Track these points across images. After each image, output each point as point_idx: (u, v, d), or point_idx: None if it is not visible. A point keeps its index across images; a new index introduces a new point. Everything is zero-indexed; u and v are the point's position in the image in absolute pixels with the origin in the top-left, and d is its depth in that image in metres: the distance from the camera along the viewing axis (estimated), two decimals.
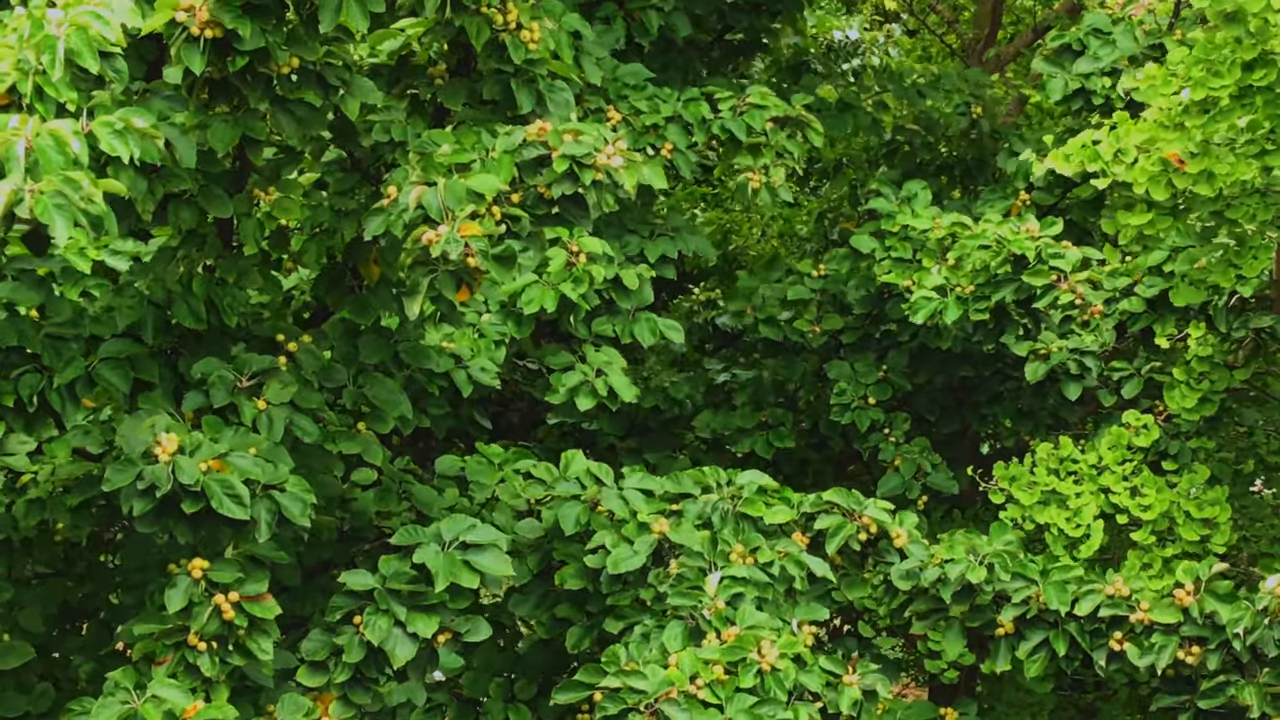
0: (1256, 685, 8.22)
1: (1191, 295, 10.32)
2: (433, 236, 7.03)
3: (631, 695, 7.55)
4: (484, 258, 6.99)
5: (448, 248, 6.97)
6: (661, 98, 9.86)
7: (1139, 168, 9.31)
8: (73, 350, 8.19)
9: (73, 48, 6.95)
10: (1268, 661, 8.20)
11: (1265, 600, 8.09)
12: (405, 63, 8.26)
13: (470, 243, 6.98)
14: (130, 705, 7.42)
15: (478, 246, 6.98)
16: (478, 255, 6.98)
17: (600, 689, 7.70)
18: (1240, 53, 8.62)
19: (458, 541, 8.05)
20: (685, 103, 9.86)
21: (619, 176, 7.27)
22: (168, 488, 7.38)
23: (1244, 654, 8.22)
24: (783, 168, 9.69)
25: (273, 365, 8.17)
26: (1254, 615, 8.15)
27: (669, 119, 9.80)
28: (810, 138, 9.79)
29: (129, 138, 6.95)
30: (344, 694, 7.98)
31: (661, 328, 10.34)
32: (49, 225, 6.49)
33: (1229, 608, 8.22)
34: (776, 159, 9.75)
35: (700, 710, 7.54)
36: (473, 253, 6.98)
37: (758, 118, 9.75)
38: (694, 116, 9.82)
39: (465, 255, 7.00)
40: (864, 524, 8.82)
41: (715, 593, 8.27)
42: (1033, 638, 8.55)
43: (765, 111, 9.75)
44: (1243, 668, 8.30)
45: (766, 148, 9.71)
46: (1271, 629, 8.09)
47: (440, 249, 7.00)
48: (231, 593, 7.66)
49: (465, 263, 7.01)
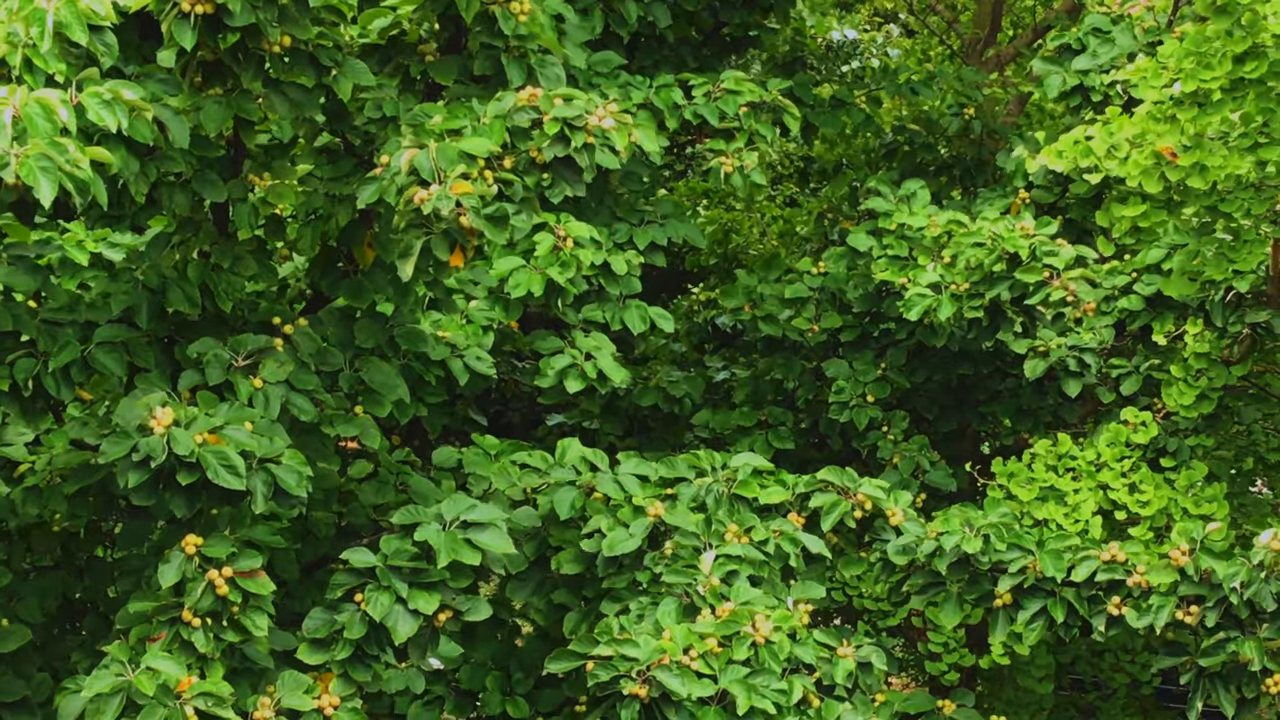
0: (1256, 640, 8.19)
1: (1184, 287, 10.33)
2: (424, 195, 7.05)
3: (624, 663, 7.52)
4: (476, 216, 7.00)
5: (439, 204, 6.98)
6: (634, 84, 9.90)
7: (1132, 162, 9.34)
8: (68, 335, 8.22)
9: (62, 20, 7.01)
10: (1266, 616, 8.17)
11: (1261, 555, 8.07)
12: (396, 41, 8.29)
13: (462, 200, 6.99)
14: (124, 677, 7.39)
15: (470, 204, 6.99)
16: (470, 213, 6.99)
17: (592, 658, 7.67)
18: (1231, 45, 8.65)
19: (459, 520, 8.05)
20: (657, 89, 9.90)
21: (611, 137, 7.30)
22: (163, 458, 7.38)
23: (1242, 610, 8.19)
24: (755, 152, 9.73)
25: (269, 345, 8.18)
26: (1250, 570, 8.12)
27: (640, 105, 9.83)
28: (787, 123, 9.82)
29: (117, 109, 7.00)
30: (344, 671, 7.95)
31: (652, 315, 10.35)
32: (34, 188, 6.52)
33: (1225, 564, 8.19)
34: (749, 143, 9.78)
35: (693, 678, 7.51)
36: (465, 211, 7.00)
37: (731, 103, 9.79)
38: (665, 102, 9.85)
39: (458, 214, 7.02)
40: (859, 501, 8.80)
41: (710, 570, 8.25)
42: (1030, 606, 8.52)
43: (739, 97, 9.80)
44: (1241, 624, 8.27)
45: (740, 132, 9.75)
46: (1268, 583, 8.06)
47: (432, 206, 7.01)
48: (225, 568, 7.65)
49: (458, 222, 7.02)
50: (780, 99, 9.86)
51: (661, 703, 7.48)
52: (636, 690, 7.43)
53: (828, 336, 12.00)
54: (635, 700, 7.45)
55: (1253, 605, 8.19)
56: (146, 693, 7.37)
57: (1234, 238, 10.20)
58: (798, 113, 9.90)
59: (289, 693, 7.92)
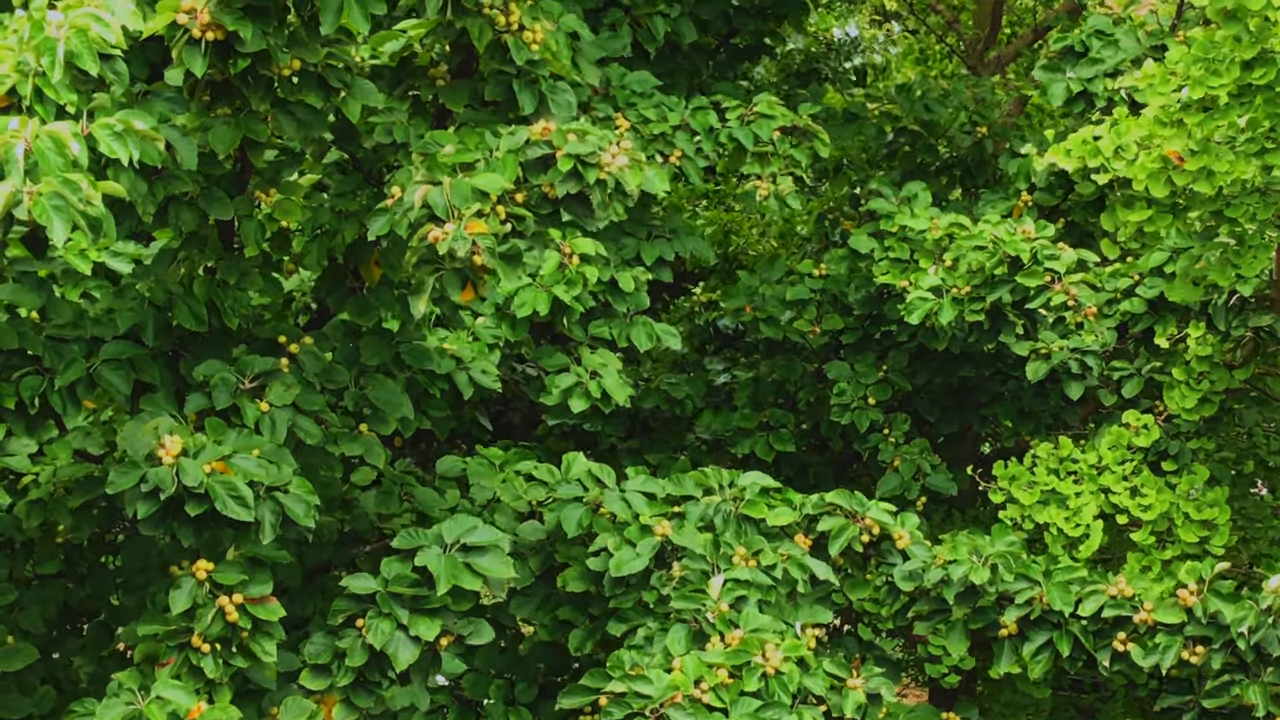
0: (1261, 685, 8.21)
1: (1188, 293, 10.31)
2: (439, 234, 7.02)
3: (637, 700, 7.54)
4: (491, 255, 6.98)
5: (455, 245, 6.95)
6: (669, 105, 9.86)
7: (1139, 164, 9.30)
8: (74, 352, 8.18)
9: (73, 50, 6.94)
10: (1272, 661, 8.19)
11: (1269, 599, 8.08)
12: (407, 64, 8.24)
13: (478, 240, 6.96)
14: (135, 706, 7.40)
15: (485, 244, 6.97)
16: (484, 253, 6.97)
17: (605, 693, 7.68)
18: (1240, 51, 8.61)
19: (459, 544, 8.03)
20: (693, 111, 9.86)
21: (623, 177, 7.26)
22: (172, 490, 7.37)
23: (1248, 654, 8.21)
24: (790, 176, 9.69)
25: (275, 367, 8.15)
26: (1258, 614, 8.14)
27: (676, 127, 9.79)
28: (817, 148, 9.79)
29: (129, 140, 6.94)
30: (346, 697, 7.97)
31: (659, 332, 10.32)
32: (47, 227, 6.47)
33: (1233, 607, 8.20)
34: (784, 168, 9.76)
35: (705, 714, 7.53)
36: (479, 250, 6.97)
37: (765, 127, 9.76)
38: (701, 126, 9.81)
39: (472, 253, 6.99)
40: (866, 525, 8.81)
41: (718, 595, 8.25)
42: (1036, 639, 8.53)
43: (772, 121, 9.76)
44: (1247, 667, 8.30)
45: (774, 156, 9.72)
46: (1276, 628, 8.06)
47: (447, 246, 6.98)
48: (235, 594, 7.65)
49: (472, 261, 6.99)
50: (811, 124, 9.82)
51: None
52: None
53: (829, 338, 11.98)
54: None
55: (1259, 649, 8.21)
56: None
57: (1238, 243, 10.18)
58: (827, 138, 9.86)
59: (292, 718, 7.93)
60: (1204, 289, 10.50)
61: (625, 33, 10.54)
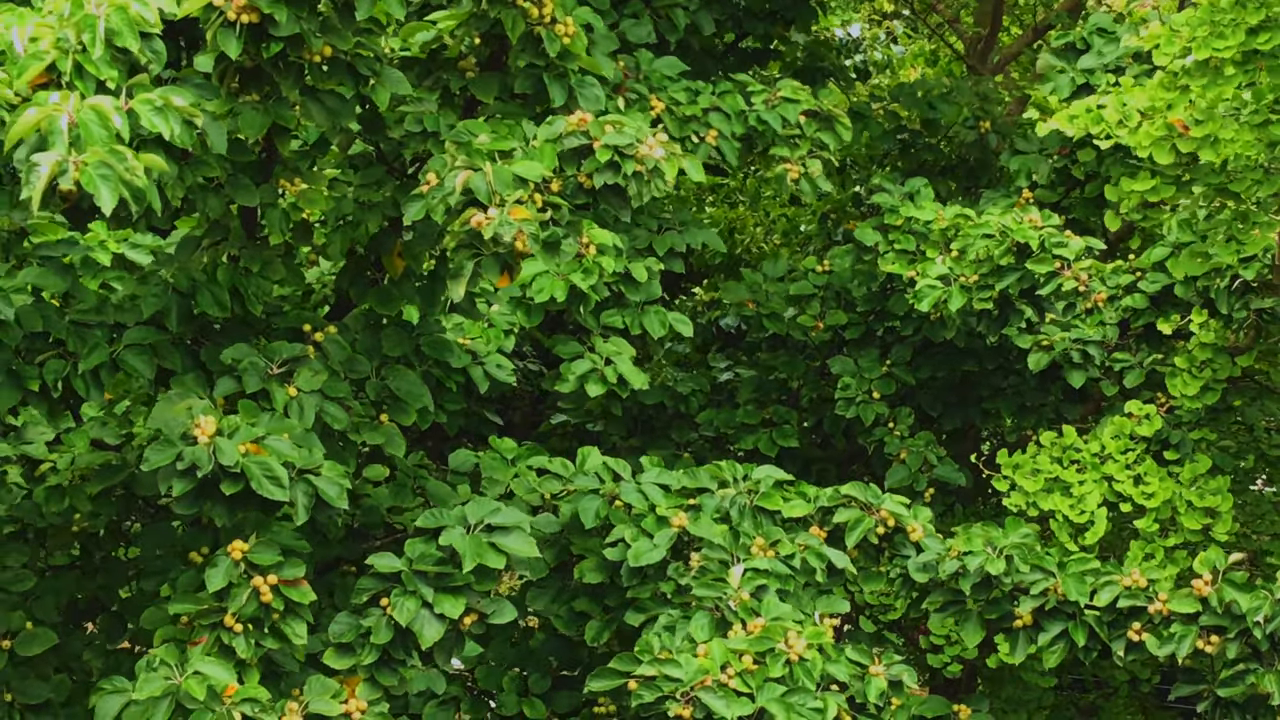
0: (1276, 673, 8.26)
1: (1191, 267, 10.41)
2: (483, 219, 7.08)
3: (668, 683, 7.59)
4: (534, 241, 7.05)
5: (500, 230, 7.02)
6: (697, 89, 9.95)
7: (1143, 131, 9.39)
8: (97, 337, 8.22)
9: (113, 27, 6.97)
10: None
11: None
12: (436, 56, 8.29)
13: (522, 226, 7.04)
14: (173, 681, 7.42)
15: (529, 230, 7.04)
16: (527, 239, 7.04)
17: (635, 677, 7.73)
18: (1245, 16, 8.67)
19: (483, 524, 8.10)
20: (721, 94, 9.95)
21: (661, 167, 7.34)
22: (209, 468, 7.40)
23: (1263, 642, 8.26)
24: (819, 160, 9.79)
25: (302, 353, 8.21)
26: (1273, 604, 8.20)
27: (708, 109, 9.88)
28: (839, 132, 9.89)
29: (169, 115, 6.97)
30: (371, 675, 8.00)
31: (671, 320, 10.41)
32: (95, 195, 6.50)
33: (1248, 596, 8.26)
34: (812, 151, 9.85)
35: (733, 699, 7.59)
36: (523, 236, 7.04)
37: (791, 111, 9.84)
38: (732, 108, 9.90)
39: (516, 238, 7.06)
40: (882, 518, 8.89)
41: (739, 584, 8.32)
42: (1051, 629, 8.59)
43: (797, 105, 9.85)
44: (1261, 656, 8.34)
45: (803, 139, 9.81)
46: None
47: (492, 231, 7.05)
48: (270, 575, 7.69)
49: (514, 246, 7.07)
50: (834, 110, 9.91)
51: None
52: (681, 711, 7.50)
53: (831, 334, 12.06)
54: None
55: (1274, 638, 8.27)
56: (197, 697, 7.40)
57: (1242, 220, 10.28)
58: (849, 123, 9.95)
59: (316, 697, 7.93)
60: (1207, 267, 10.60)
61: (647, 21, 10.61)
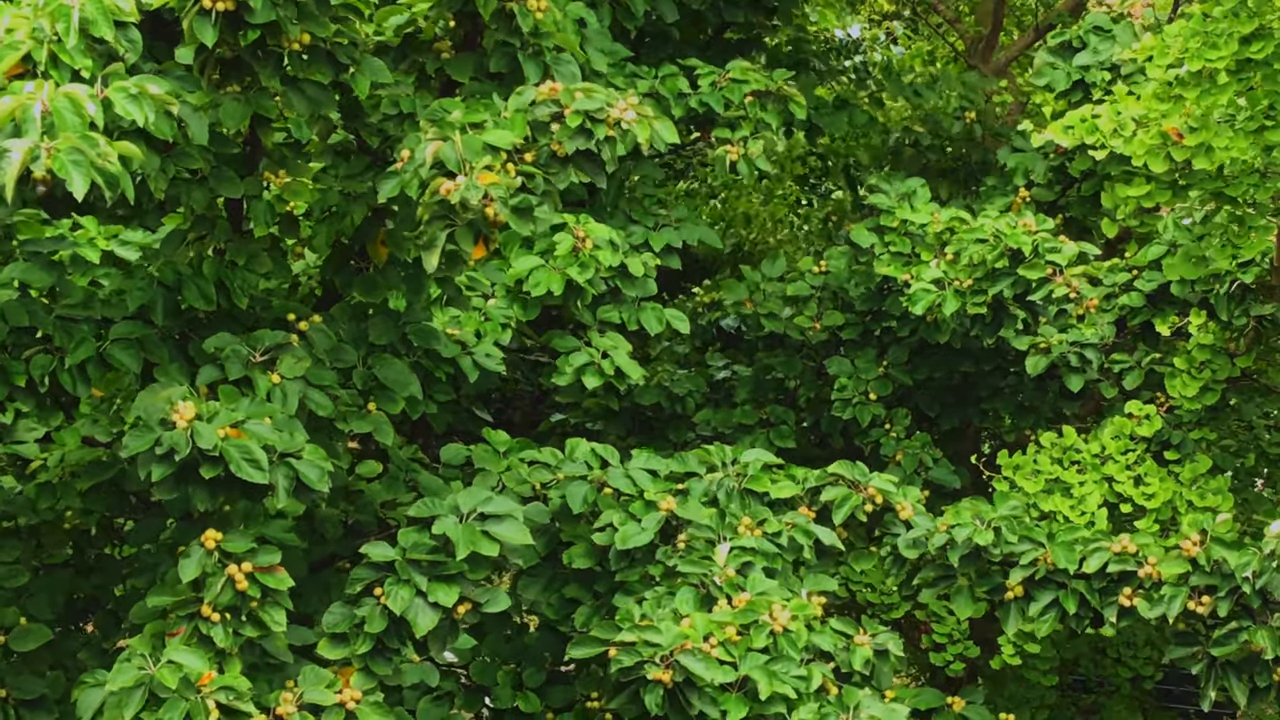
0: (1269, 629, 8.23)
1: (1187, 270, 10.38)
2: (451, 186, 7.12)
3: (647, 648, 7.59)
4: (503, 206, 7.08)
5: (467, 194, 7.06)
6: (640, 74, 9.97)
7: (1137, 140, 9.39)
8: (83, 331, 8.27)
9: (87, 16, 7.08)
10: (1277, 605, 8.22)
11: (1272, 544, 8.11)
12: (412, 39, 8.36)
13: (490, 190, 7.06)
14: (146, 671, 7.43)
15: (497, 194, 7.07)
16: (497, 203, 7.07)
17: (615, 643, 7.73)
18: (1237, 26, 8.70)
19: (476, 512, 8.11)
20: (662, 79, 9.97)
21: (633, 129, 7.37)
22: (186, 452, 7.44)
23: (1253, 599, 8.24)
24: (760, 140, 9.79)
25: (285, 340, 8.24)
26: (1262, 559, 8.17)
27: (645, 95, 9.89)
28: (793, 110, 9.88)
29: (144, 103, 7.06)
30: (365, 665, 8.00)
31: (668, 316, 10.43)
32: (66, 180, 6.57)
33: (1236, 554, 8.24)
34: (754, 132, 9.86)
35: (716, 666, 7.58)
36: (492, 200, 7.07)
37: (736, 92, 9.85)
38: (671, 92, 9.91)
39: (485, 204, 7.09)
40: (869, 495, 8.87)
41: (725, 562, 8.31)
42: (1042, 598, 8.57)
43: (744, 86, 9.86)
44: (1253, 613, 8.31)
45: (745, 121, 9.82)
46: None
47: (459, 196, 7.08)
48: (244, 563, 7.69)
49: (484, 213, 7.09)
50: (786, 88, 9.92)
51: (685, 688, 7.54)
52: (660, 675, 7.49)
53: (829, 335, 12.06)
54: (659, 686, 7.52)
55: (1264, 594, 8.24)
56: (169, 686, 7.41)
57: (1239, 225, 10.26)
58: (804, 100, 9.95)
59: (310, 687, 7.96)
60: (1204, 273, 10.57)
61: (605, 11, 10.62)
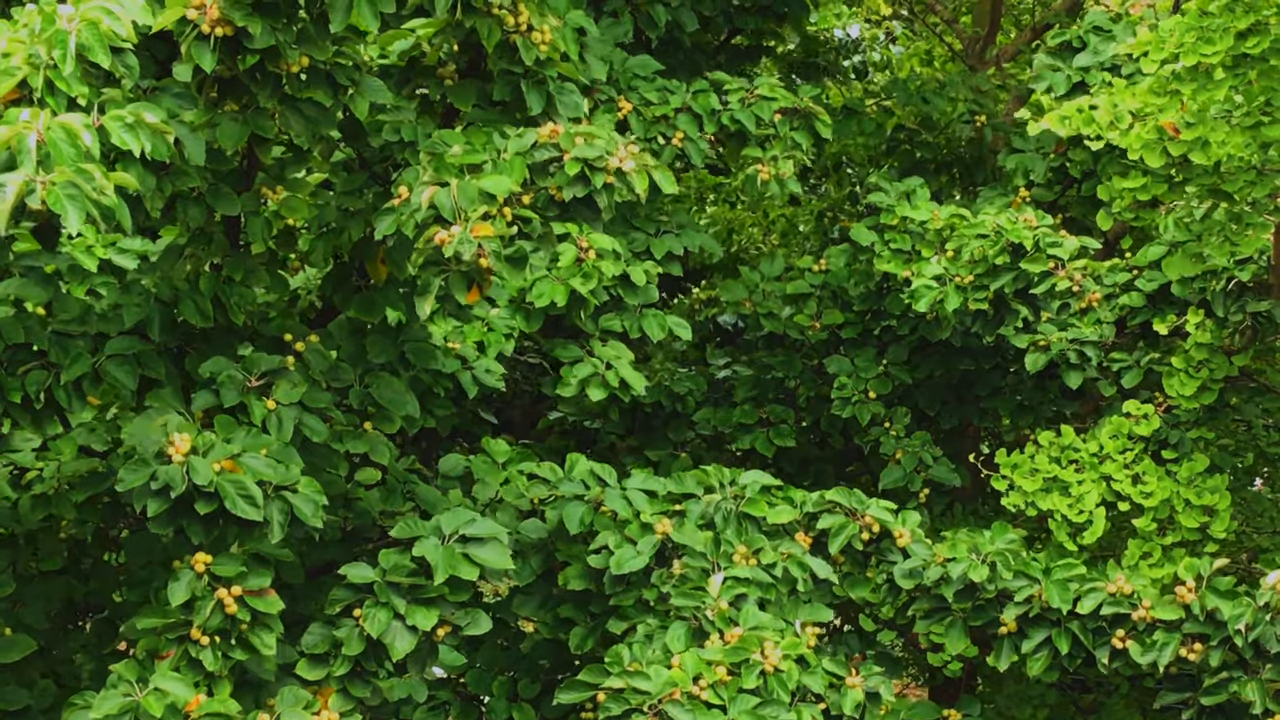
0: (1259, 681, 8.23)
1: (1185, 267, 10.33)
2: (446, 237, 7.07)
3: (635, 696, 7.58)
4: (496, 259, 7.03)
5: (461, 248, 7.00)
6: (670, 89, 9.91)
7: (1134, 134, 9.32)
8: (79, 347, 8.22)
9: (84, 43, 6.96)
10: (1270, 658, 8.21)
11: (1266, 596, 8.11)
12: (415, 63, 8.28)
13: (483, 243, 7.01)
14: (132, 698, 7.43)
15: (490, 247, 7.02)
16: (490, 256, 7.02)
17: (604, 689, 7.72)
18: (1234, 21, 8.60)
19: (457, 535, 8.08)
20: (694, 94, 9.91)
21: (630, 180, 7.31)
22: (182, 488, 7.40)
23: (1246, 650, 8.24)
24: (791, 160, 9.74)
25: (281, 365, 8.19)
26: (1255, 611, 8.16)
27: (679, 109, 9.84)
28: (818, 130, 9.83)
29: (140, 132, 6.97)
30: (343, 687, 8.00)
31: (670, 324, 10.40)
32: (61, 215, 6.49)
33: (1230, 604, 8.23)
34: (786, 151, 9.80)
35: (703, 711, 7.57)
36: (485, 253, 7.02)
37: (766, 109, 9.79)
38: (703, 108, 9.86)
39: (478, 256, 7.04)
40: (866, 523, 8.85)
41: (718, 593, 8.30)
42: (1035, 636, 8.58)
43: (773, 103, 9.80)
44: (1245, 664, 8.32)
45: (775, 139, 9.77)
46: (1273, 625, 8.08)
47: (454, 249, 7.03)
48: (234, 587, 7.67)
49: (478, 264, 7.04)
50: (812, 106, 9.86)
51: None
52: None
53: (829, 334, 12.02)
54: None
55: (1257, 646, 8.24)
56: (154, 714, 7.41)
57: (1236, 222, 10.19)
58: (829, 119, 9.90)
59: (289, 708, 7.95)
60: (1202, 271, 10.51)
61: (627, 20, 10.56)
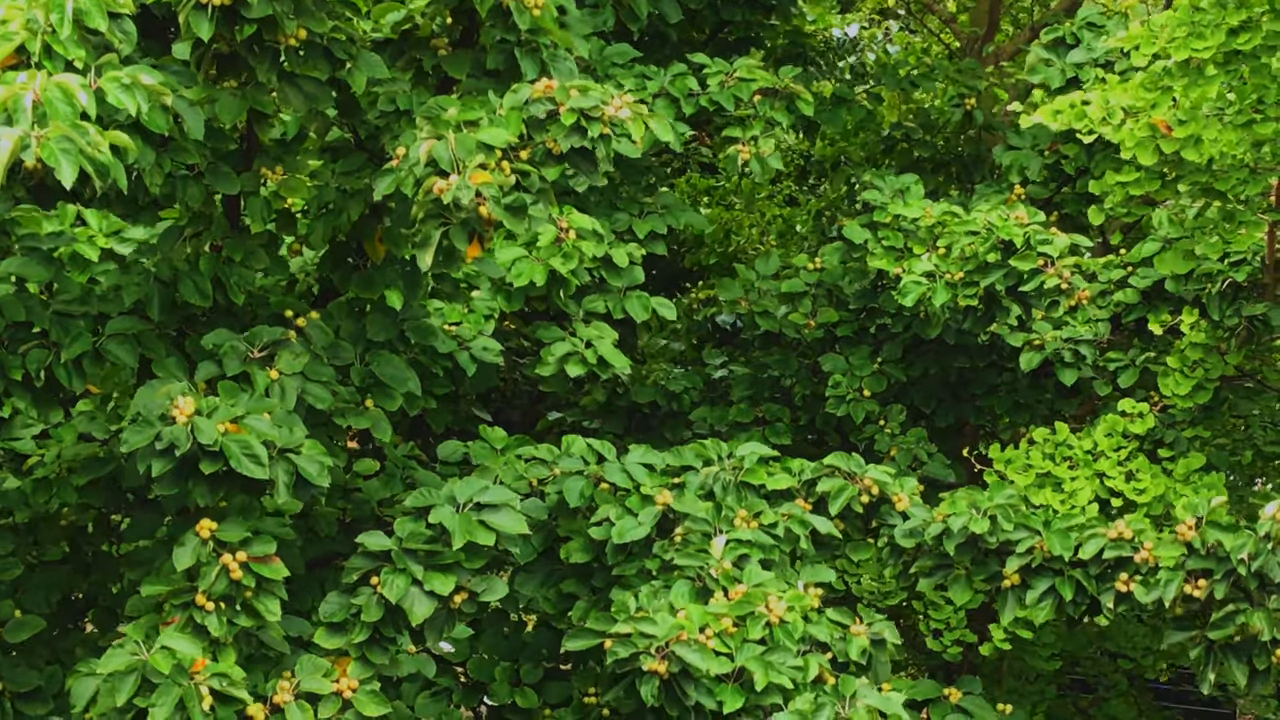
0: (1266, 611, 8.19)
1: (1179, 264, 10.41)
2: (444, 185, 7.13)
3: (642, 639, 7.60)
4: (496, 205, 7.09)
5: (459, 194, 7.06)
6: (648, 74, 10.01)
7: (1126, 131, 9.42)
8: (80, 327, 8.28)
9: (81, 7, 7.07)
10: (1274, 587, 8.19)
11: (1267, 526, 8.10)
12: (409, 35, 8.37)
13: (482, 189, 7.08)
14: (139, 656, 7.44)
15: (490, 193, 7.08)
16: (490, 203, 7.08)
17: (611, 635, 7.74)
18: (1226, 16, 8.73)
19: (472, 502, 8.13)
20: (673, 78, 10.01)
21: (627, 127, 7.40)
22: (187, 447, 7.42)
23: (1250, 581, 8.21)
24: (771, 138, 9.83)
25: (284, 336, 8.26)
26: (1257, 541, 8.15)
27: (656, 94, 9.93)
28: (800, 108, 9.93)
29: (136, 93, 7.06)
30: (362, 654, 8.01)
31: (654, 304, 10.46)
32: (55, 169, 6.57)
33: (1231, 536, 8.21)
34: (765, 129, 9.89)
35: (712, 656, 7.59)
36: (485, 200, 7.08)
37: (745, 90, 9.89)
38: (680, 91, 9.95)
39: (477, 203, 7.10)
40: (865, 486, 8.89)
41: (721, 555, 8.33)
42: (1039, 585, 8.58)
43: (752, 84, 9.89)
44: (1250, 596, 8.29)
45: (755, 119, 9.86)
46: (1275, 554, 8.07)
47: (452, 195, 7.09)
48: (239, 552, 7.70)
49: (477, 211, 7.10)
50: (793, 85, 9.96)
51: (680, 679, 7.56)
52: (656, 666, 7.51)
53: (824, 332, 12.10)
54: (654, 676, 7.53)
55: (1261, 576, 8.21)
56: (162, 671, 7.42)
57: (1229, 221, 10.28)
58: (810, 98, 9.99)
59: (307, 676, 7.98)
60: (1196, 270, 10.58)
61: (607, 11, 10.68)
